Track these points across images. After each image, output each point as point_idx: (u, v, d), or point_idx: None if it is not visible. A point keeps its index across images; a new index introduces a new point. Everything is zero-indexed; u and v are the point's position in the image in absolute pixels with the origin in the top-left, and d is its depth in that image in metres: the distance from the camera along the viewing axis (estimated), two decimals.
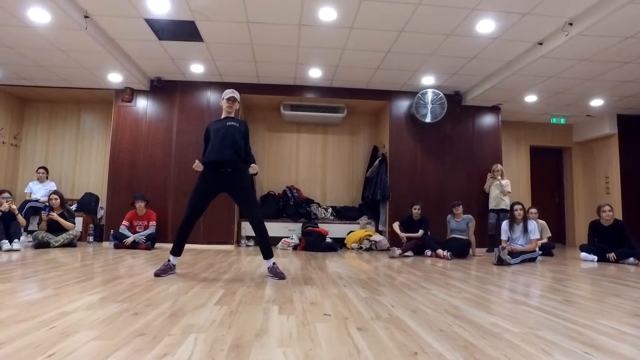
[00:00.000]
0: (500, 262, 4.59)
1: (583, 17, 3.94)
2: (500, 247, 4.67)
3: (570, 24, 4.04)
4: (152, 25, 4.45)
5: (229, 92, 3.42)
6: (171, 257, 3.29)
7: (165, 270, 3.21)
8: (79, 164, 7.05)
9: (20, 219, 5.16)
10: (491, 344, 1.69)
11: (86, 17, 4.17)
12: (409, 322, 2.00)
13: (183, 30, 4.54)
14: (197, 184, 3.29)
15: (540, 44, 4.62)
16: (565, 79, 5.48)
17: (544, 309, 2.34)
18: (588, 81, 5.51)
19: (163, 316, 1.97)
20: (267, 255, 3.32)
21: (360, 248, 6.16)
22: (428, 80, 6.13)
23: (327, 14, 4.13)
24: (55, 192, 5.62)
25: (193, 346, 1.55)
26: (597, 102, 6.49)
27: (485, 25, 4.33)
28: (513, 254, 4.75)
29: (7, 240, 4.72)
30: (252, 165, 3.39)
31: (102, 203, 6.71)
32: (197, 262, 4.18)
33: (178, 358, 1.42)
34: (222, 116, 3.45)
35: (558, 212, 8.19)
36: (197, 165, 3.30)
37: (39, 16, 3.92)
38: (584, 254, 5.19)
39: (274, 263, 3.32)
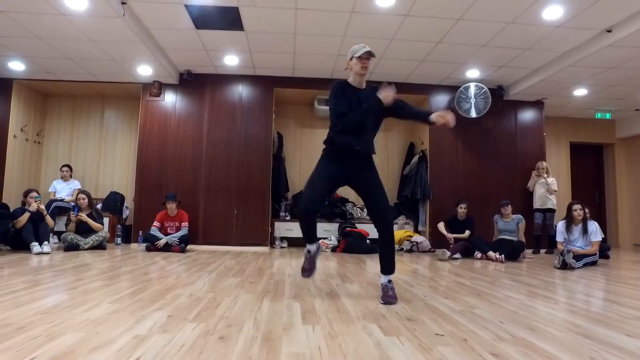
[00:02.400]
0: (564, 266, 4.26)
1: None
2: (565, 250, 4.33)
3: None
4: (191, 11, 4.14)
5: (361, 48, 2.51)
6: (308, 246, 2.66)
7: (311, 267, 2.69)
8: (102, 161, 6.77)
9: (49, 220, 4.89)
10: None
11: (123, 3, 3.88)
12: (542, 345, 1.70)
13: (224, 18, 4.23)
14: (319, 168, 2.58)
15: (609, 31, 4.26)
16: (627, 70, 5.11)
17: None
18: None
19: (256, 341, 1.66)
20: (387, 270, 2.54)
21: (401, 249, 5.85)
22: (472, 73, 5.78)
23: (384, 0, 3.80)
24: (83, 192, 5.35)
25: None
26: None
27: (553, 12, 3.98)
28: (575, 257, 4.41)
29: (37, 243, 4.45)
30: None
31: (127, 202, 6.44)
32: (243, 268, 3.88)
33: None
34: (351, 79, 2.59)
35: (599, 212, 7.81)
36: None
37: (76, 3, 3.63)
38: None
39: (390, 281, 2.52)
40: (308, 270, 2.69)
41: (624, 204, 7.60)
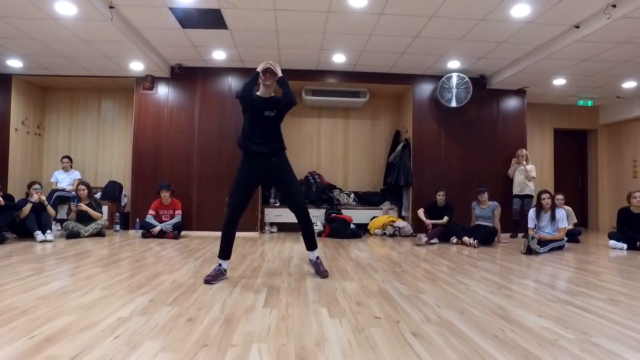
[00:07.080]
0: (529, 251, 4.56)
1: None
2: (530, 236, 4.64)
3: (614, 6, 3.86)
4: (176, 14, 4.36)
5: (263, 64, 3.03)
6: (221, 262, 2.98)
7: (217, 277, 2.87)
8: (101, 152, 7.09)
9: (50, 210, 5.24)
10: (550, 353, 1.69)
11: (111, 7, 4.10)
12: (460, 326, 2.01)
13: (208, 18, 4.45)
14: (238, 176, 3.02)
15: (577, 27, 4.44)
16: (600, 62, 5.29)
17: (591, 310, 2.32)
18: (624, 63, 5.32)
19: (218, 322, 1.99)
20: (311, 246, 3.15)
21: (384, 234, 6.17)
22: (453, 64, 5.97)
23: (357, 1, 4.00)
24: (82, 183, 5.68)
25: (260, 358, 1.57)
26: (629, 84, 6.29)
27: (520, 10, 4.16)
28: (541, 242, 4.71)
29: (40, 231, 4.81)
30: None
31: (125, 191, 6.78)
32: None
33: None
34: (259, 92, 3.12)
35: (581, 196, 8.07)
36: None
37: (66, 9, 3.87)
38: (612, 242, 5.13)
39: (317, 257, 3.18)
40: (212, 278, 2.85)
41: (604, 188, 7.85)
